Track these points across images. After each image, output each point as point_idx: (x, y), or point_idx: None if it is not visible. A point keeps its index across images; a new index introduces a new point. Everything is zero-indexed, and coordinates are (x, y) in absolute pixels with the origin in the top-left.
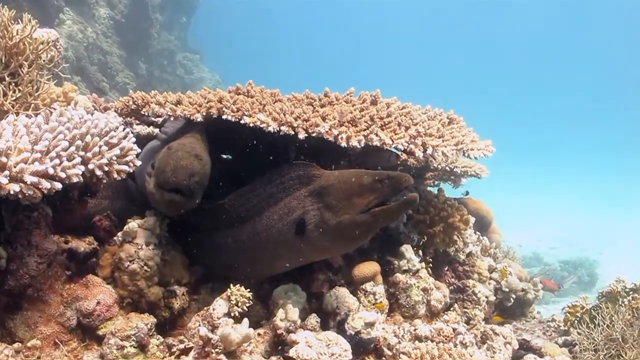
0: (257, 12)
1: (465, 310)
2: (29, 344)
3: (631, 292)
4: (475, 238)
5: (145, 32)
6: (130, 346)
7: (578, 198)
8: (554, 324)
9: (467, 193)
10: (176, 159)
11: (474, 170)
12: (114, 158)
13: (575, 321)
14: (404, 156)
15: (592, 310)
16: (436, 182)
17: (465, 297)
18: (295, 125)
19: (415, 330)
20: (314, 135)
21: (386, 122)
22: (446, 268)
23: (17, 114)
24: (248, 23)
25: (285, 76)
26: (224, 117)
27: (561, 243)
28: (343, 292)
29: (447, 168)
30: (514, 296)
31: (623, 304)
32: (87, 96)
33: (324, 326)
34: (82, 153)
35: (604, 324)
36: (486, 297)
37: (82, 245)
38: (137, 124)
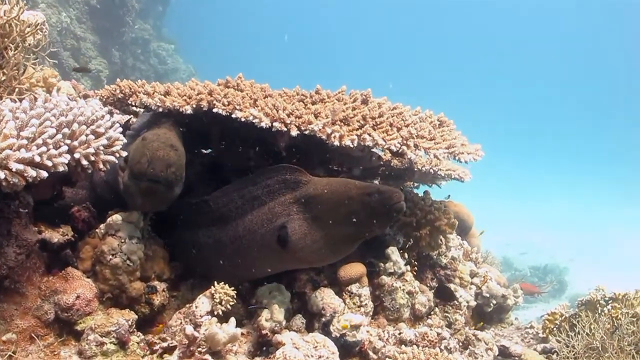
0: (232, 3)
1: (446, 314)
2: (3, 338)
3: (610, 301)
4: (457, 242)
5: (121, 19)
6: (110, 343)
7: (546, 203)
8: (532, 331)
9: (449, 196)
10: (152, 149)
11: (458, 173)
12: (101, 148)
13: (554, 329)
14: (387, 156)
15: (572, 319)
16: (416, 184)
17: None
18: (288, 122)
19: (400, 334)
20: (306, 133)
21: (378, 122)
22: (428, 271)
23: (1, 97)
24: (223, 14)
25: (259, 68)
26: (214, 110)
27: (530, 248)
28: (328, 293)
29: (431, 170)
30: (494, 302)
31: (603, 313)
32: (68, 82)
33: (309, 327)
34: (68, 141)
35: (584, 332)
36: (467, 302)
37: (56, 235)
38: (116, 113)
